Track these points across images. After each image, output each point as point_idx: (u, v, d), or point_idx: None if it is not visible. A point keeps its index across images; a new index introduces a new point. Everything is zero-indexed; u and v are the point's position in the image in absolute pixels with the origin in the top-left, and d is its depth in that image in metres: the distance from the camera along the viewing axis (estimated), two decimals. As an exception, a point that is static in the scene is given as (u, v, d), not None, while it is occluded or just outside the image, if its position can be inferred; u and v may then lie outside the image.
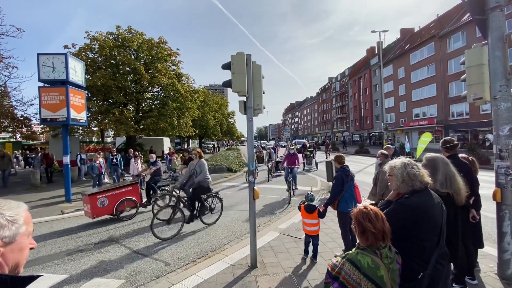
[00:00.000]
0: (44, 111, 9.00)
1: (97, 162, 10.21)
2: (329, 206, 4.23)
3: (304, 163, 16.39)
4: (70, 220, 7.19)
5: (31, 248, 0.90)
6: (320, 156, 24.41)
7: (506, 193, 3.36)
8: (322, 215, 4.19)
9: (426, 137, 10.18)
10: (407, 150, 16.77)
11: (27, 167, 21.62)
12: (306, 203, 4.30)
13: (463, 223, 3.26)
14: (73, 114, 9.42)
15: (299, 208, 4.36)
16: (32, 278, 0.80)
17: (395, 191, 2.01)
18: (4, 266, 0.79)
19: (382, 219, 1.55)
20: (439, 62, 30.36)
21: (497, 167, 3.45)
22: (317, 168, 16.26)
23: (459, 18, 28.72)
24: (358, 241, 1.59)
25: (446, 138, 3.61)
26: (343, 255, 1.59)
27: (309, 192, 4.42)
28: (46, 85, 9.27)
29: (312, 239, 4.25)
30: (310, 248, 4.29)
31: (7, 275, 0.76)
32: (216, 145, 43.80)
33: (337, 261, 1.56)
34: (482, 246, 3.51)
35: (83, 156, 14.28)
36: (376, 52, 46.27)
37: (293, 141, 36.69)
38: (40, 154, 14.03)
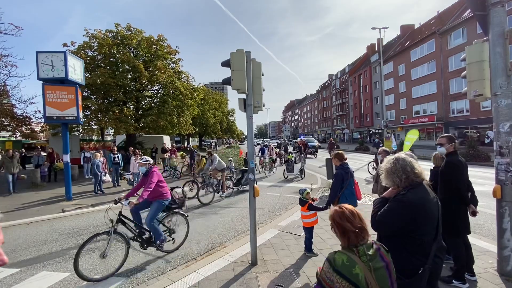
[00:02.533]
0: (49, 109, 8.97)
1: (99, 160, 10.22)
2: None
3: (284, 171, 12.91)
4: (71, 218, 7.21)
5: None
6: (323, 155, 23.50)
7: (506, 190, 3.36)
8: (313, 208, 4.27)
9: (412, 135, 9.66)
10: (394, 149, 16.33)
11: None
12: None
13: (462, 218, 3.29)
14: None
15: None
16: None
17: (391, 186, 2.02)
18: None
19: (359, 216, 1.52)
20: (440, 59, 30.25)
21: (497, 163, 3.45)
22: (302, 176, 12.35)
23: (459, 14, 28.57)
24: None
25: (444, 135, 3.60)
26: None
27: (301, 188, 4.53)
28: (48, 83, 9.22)
29: (304, 231, 4.38)
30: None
31: None
32: (213, 143, 43.65)
33: (323, 264, 1.54)
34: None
35: (87, 154, 14.22)
36: (376, 49, 46.09)
37: (300, 138, 33.97)
38: (41, 153, 14.04)
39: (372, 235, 1.63)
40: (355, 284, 1.34)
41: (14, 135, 16.74)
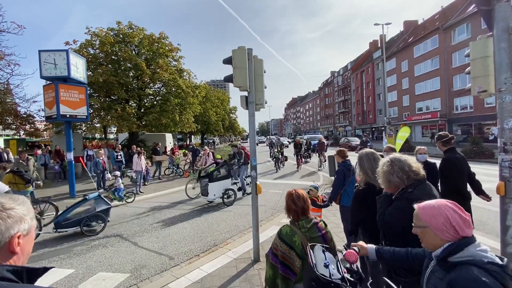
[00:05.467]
0: (63, 107, 9.11)
1: (101, 158, 10.30)
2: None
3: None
4: (75, 215, 7.27)
5: None
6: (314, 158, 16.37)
7: (510, 187, 3.33)
8: (315, 205, 4.30)
9: (404, 132, 9.27)
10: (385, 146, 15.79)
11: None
12: None
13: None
14: None
15: None
16: (45, 270, 0.85)
17: (389, 187, 2.02)
18: (20, 257, 0.85)
19: (304, 199, 1.96)
20: (443, 55, 29.93)
21: (501, 160, 3.42)
22: (226, 203, 7.70)
23: (464, 10, 28.20)
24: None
25: (441, 132, 3.69)
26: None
27: (311, 184, 4.60)
28: (53, 81, 9.31)
29: None
30: None
31: (23, 267, 0.80)
32: (213, 141, 43.65)
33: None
34: None
35: (90, 152, 14.28)
36: (379, 45, 45.68)
37: (306, 137, 30.17)
38: (39, 151, 14.17)
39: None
40: (292, 248, 1.78)
41: (18, 134, 16.84)
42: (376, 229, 2.14)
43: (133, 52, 17.80)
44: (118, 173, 9.03)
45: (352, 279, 1.61)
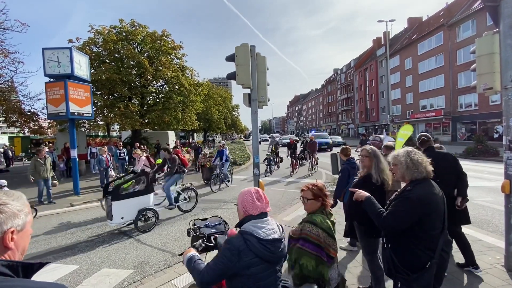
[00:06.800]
0: (72, 105, 9.18)
1: (104, 156, 10.36)
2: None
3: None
4: (79, 212, 7.35)
5: None
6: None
7: (515, 185, 3.30)
8: None
9: (406, 130, 8.76)
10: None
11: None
12: None
13: (456, 211, 3.30)
14: None
15: None
16: (41, 265, 0.85)
17: (400, 180, 2.02)
18: (15, 252, 0.85)
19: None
20: (448, 52, 29.60)
21: (506, 158, 3.39)
22: (135, 227, 5.72)
23: (469, 6, 27.81)
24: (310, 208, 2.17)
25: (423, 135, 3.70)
26: (301, 220, 2.15)
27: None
28: (57, 79, 9.38)
29: None
30: None
31: (18, 262, 0.80)
32: (213, 139, 43.62)
33: (296, 227, 2.15)
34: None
35: (94, 150, 14.38)
36: (383, 43, 45.30)
37: (311, 133, 30.11)
38: (53, 148, 14.30)
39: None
40: (328, 232, 2.01)
41: (23, 131, 16.99)
42: (370, 222, 2.15)
43: (136, 50, 17.82)
44: (3, 182, 6.40)
45: (208, 242, 2.21)
